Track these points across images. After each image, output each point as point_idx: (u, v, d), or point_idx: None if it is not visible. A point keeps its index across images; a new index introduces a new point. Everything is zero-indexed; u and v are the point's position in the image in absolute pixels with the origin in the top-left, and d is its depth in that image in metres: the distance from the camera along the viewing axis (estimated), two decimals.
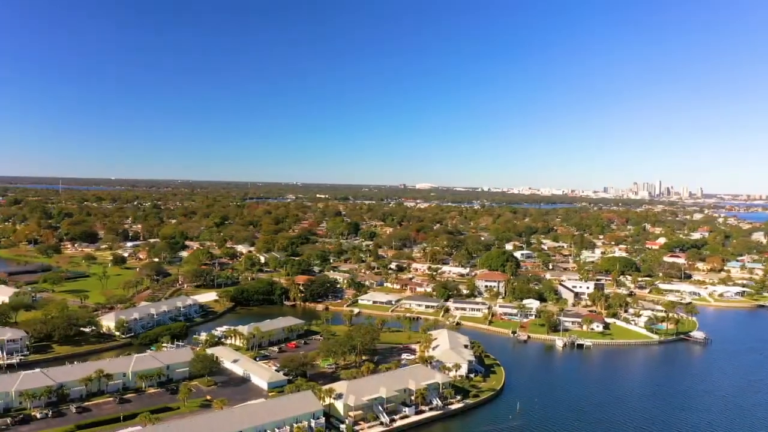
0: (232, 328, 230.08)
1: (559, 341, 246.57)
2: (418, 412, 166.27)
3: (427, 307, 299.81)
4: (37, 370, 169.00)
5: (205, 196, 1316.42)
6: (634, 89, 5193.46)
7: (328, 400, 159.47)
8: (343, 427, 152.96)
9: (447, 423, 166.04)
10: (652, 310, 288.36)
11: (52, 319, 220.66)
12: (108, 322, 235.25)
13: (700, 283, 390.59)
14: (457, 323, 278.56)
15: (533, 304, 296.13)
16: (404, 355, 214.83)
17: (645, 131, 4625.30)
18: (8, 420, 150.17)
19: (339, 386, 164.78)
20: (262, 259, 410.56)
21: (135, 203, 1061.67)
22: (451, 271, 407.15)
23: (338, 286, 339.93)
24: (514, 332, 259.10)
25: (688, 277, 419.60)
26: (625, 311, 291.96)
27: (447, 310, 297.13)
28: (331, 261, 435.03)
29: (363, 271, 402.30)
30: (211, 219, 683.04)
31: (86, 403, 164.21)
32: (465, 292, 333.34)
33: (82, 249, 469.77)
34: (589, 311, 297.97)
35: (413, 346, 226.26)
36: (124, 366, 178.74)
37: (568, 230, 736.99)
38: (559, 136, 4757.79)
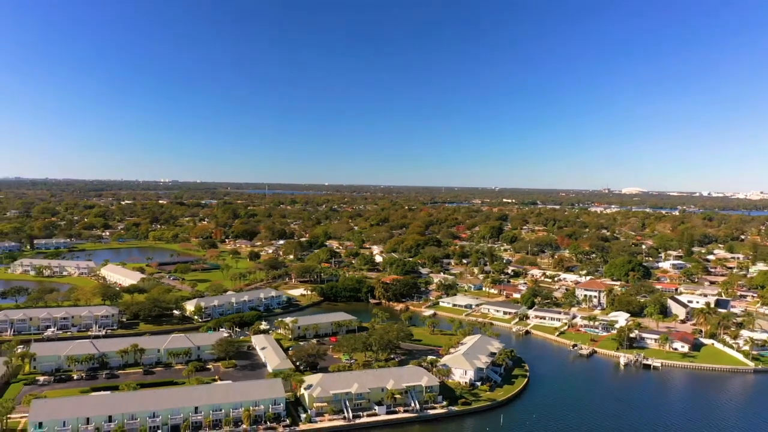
0: (282, 319, 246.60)
1: (623, 359, 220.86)
2: (389, 413, 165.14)
3: (505, 313, 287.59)
4: (87, 340, 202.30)
5: (389, 200, 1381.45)
6: None
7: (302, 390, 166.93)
8: (303, 416, 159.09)
9: (416, 427, 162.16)
10: None
11: (140, 302, 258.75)
12: (191, 306, 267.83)
13: None
14: (527, 332, 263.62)
15: (620, 317, 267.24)
16: (429, 357, 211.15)
17: None
18: (52, 378, 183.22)
19: (312, 378, 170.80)
20: (378, 259, 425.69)
21: (323, 206, 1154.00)
22: (566, 278, 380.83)
23: (429, 287, 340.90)
24: (574, 345, 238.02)
25: None
26: (732, 332, 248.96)
27: (525, 317, 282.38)
28: (452, 263, 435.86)
29: (475, 274, 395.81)
30: (369, 221, 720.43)
31: (119, 371, 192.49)
32: (563, 301, 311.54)
33: (238, 245, 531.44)
34: (695, 330, 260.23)
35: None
36: (160, 343, 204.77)
37: (762, 240, 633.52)
38: None
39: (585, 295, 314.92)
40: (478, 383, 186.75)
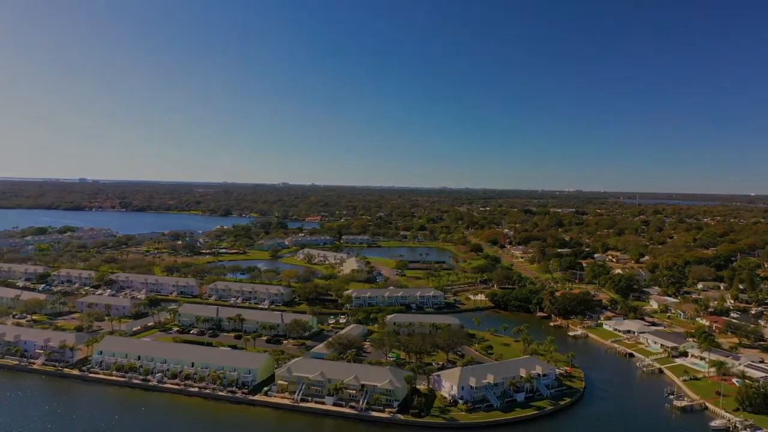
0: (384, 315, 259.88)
1: (719, 421, 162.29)
2: (336, 404, 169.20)
3: (662, 346, 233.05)
4: (214, 306, 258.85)
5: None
6: None
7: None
8: (265, 388, 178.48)
9: (351, 423, 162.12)
10: None
11: (305, 286, 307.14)
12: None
13: None
14: (660, 370, 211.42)
15: None
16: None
17: None
18: (177, 329, 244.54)
19: (294, 360, 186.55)
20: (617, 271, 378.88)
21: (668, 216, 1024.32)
22: None
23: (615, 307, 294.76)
24: (671, 393, 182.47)
25: None
26: None
27: (684, 354, 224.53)
28: (720, 287, 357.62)
29: (728, 301, 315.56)
30: (684, 235, 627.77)
31: (222, 332, 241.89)
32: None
33: (512, 250, 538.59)
34: None
35: None
36: (259, 317, 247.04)
37: None
38: None
39: None
40: (460, 400, 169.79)
